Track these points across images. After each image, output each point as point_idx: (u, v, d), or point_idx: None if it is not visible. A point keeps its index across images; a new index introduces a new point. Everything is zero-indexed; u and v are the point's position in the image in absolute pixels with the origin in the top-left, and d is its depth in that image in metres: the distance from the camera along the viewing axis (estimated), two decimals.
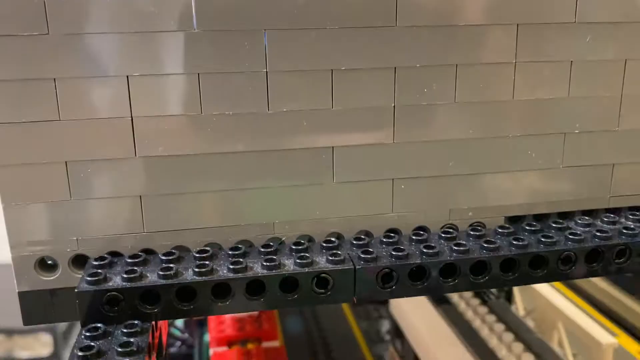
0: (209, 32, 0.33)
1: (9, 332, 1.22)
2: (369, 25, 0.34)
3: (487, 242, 0.36)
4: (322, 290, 0.34)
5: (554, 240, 0.36)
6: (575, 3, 0.37)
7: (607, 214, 0.40)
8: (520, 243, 0.36)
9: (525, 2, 0.36)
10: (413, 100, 0.36)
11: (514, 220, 0.40)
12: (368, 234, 0.38)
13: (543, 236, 0.37)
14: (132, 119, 0.33)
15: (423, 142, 0.37)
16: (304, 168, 0.36)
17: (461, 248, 0.35)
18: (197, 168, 0.35)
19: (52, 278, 0.35)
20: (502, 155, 0.38)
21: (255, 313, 0.66)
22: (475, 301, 0.66)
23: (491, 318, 0.61)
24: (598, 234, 0.37)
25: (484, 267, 0.36)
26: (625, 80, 0.39)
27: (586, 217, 0.40)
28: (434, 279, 0.35)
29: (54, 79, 0.32)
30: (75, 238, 0.35)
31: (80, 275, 0.35)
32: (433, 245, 0.36)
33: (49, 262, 0.35)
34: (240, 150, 0.35)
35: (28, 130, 0.33)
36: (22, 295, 0.35)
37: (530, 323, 0.67)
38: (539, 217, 0.41)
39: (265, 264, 0.33)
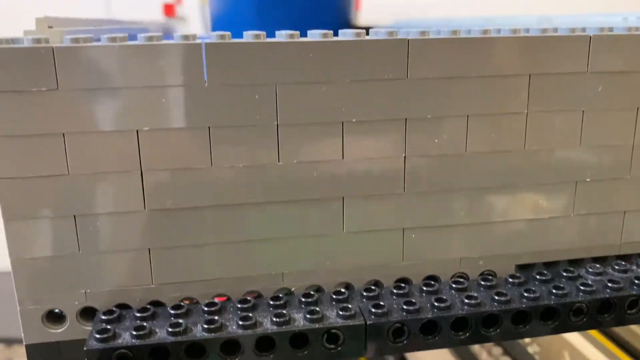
0: (220, 86, 0.33)
1: (9, 342, 1.21)
2: (379, 78, 0.34)
3: (498, 294, 0.36)
4: (333, 346, 0.34)
5: (565, 291, 0.36)
6: (588, 52, 0.36)
7: (618, 262, 0.40)
8: (532, 295, 0.35)
9: (537, 52, 0.36)
10: (424, 151, 0.36)
11: (524, 267, 0.40)
12: (378, 283, 0.38)
13: (554, 287, 0.36)
14: (141, 173, 0.33)
15: (433, 191, 0.37)
16: (314, 218, 0.36)
17: (472, 301, 0.35)
18: (206, 220, 0.35)
19: (59, 330, 0.35)
20: (512, 204, 0.38)
21: None
22: None
23: (497, 350, 0.61)
24: (610, 284, 0.37)
25: (496, 319, 0.35)
26: (637, 129, 0.38)
27: (597, 265, 0.39)
28: (446, 332, 0.35)
29: (63, 134, 0.32)
30: (83, 291, 0.34)
31: (89, 327, 0.34)
32: (444, 297, 0.35)
33: (56, 310, 0.35)
34: (250, 202, 0.35)
35: (36, 185, 0.32)
36: (29, 348, 0.35)
37: (535, 348, 0.67)
38: (549, 264, 0.40)
39: (274, 319, 0.33)
